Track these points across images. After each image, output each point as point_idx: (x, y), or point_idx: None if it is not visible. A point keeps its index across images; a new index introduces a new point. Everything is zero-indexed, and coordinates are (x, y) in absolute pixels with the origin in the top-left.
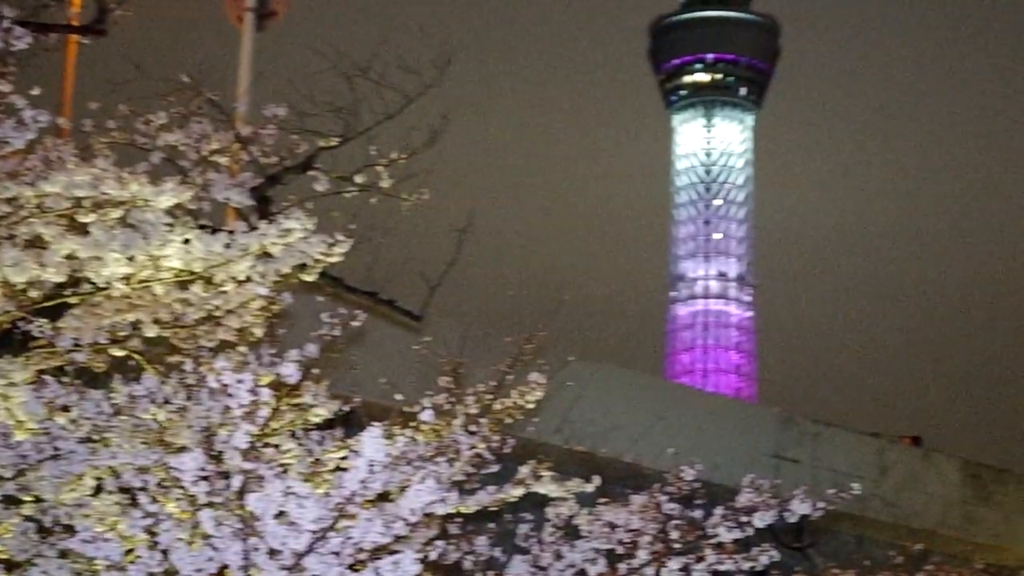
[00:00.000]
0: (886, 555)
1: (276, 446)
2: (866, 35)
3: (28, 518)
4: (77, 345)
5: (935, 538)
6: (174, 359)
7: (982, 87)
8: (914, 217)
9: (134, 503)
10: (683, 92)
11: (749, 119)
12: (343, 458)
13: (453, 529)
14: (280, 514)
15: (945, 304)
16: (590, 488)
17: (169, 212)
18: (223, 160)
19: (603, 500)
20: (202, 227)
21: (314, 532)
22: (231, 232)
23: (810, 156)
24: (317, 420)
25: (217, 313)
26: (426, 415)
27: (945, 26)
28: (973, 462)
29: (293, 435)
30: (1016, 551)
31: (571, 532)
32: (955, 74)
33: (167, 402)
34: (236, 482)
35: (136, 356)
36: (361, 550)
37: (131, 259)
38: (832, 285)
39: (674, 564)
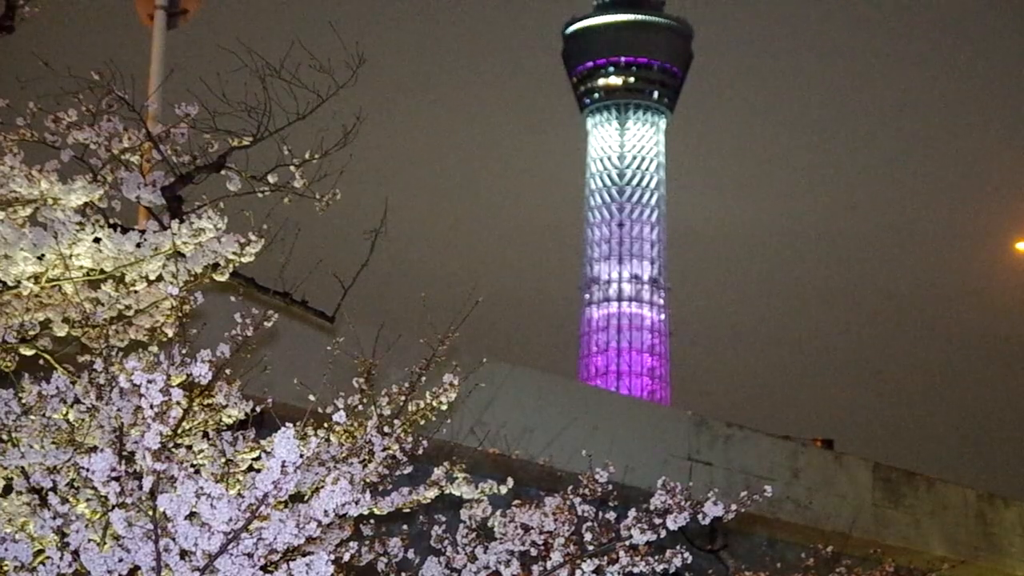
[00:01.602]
0: (798, 557)
1: (188, 447)
2: (778, 40)
3: None
4: None
5: (847, 541)
6: (84, 359)
7: (895, 91)
8: (825, 220)
9: (44, 503)
10: (596, 95)
11: (662, 122)
12: (256, 459)
13: (366, 531)
14: (192, 515)
15: (856, 306)
16: (504, 490)
17: (79, 211)
18: (134, 159)
19: (517, 502)
20: (113, 226)
21: (226, 533)
22: (142, 231)
23: (721, 159)
24: (229, 421)
25: (128, 313)
26: (339, 416)
27: (857, 30)
28: (884, 465)
29: (205, 436)
30: (926, 554)
31: (485, 534)
32: (868, 78)
33: (77, 402)
34: (147, 483)
35: (46, 355)
36: (274, 551)
37: (41, 258)
38: (743, 288)
39: (588, 566)
